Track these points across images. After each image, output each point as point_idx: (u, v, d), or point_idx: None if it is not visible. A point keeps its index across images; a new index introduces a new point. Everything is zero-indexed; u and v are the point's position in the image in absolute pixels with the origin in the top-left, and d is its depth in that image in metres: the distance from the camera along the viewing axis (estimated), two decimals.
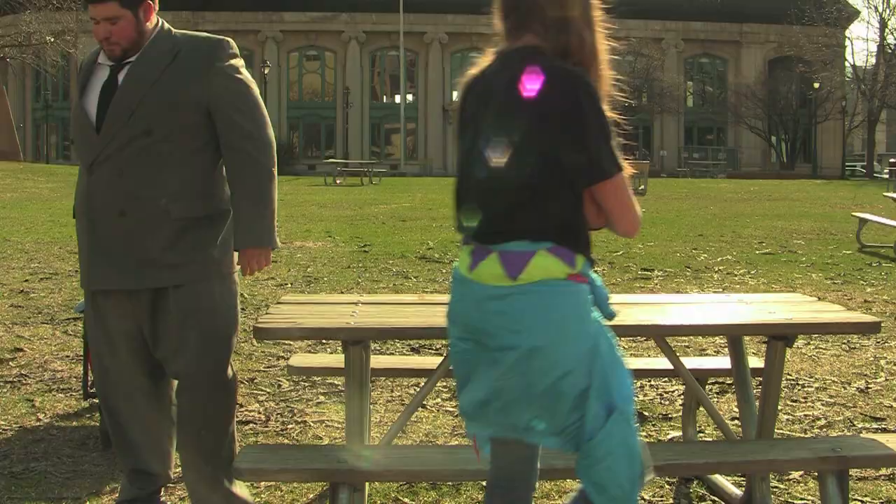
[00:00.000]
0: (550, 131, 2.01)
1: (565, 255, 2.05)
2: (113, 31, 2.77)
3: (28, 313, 6.54)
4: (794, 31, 50.45)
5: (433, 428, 4.16)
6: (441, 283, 8.21)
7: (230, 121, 2.85)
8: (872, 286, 8.32)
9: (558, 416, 2.05)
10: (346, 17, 54.49)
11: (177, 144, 2.82)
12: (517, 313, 2.03)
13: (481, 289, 2.09)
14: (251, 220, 2.86)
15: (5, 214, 14.44)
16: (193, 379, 2.89)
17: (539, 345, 2.01)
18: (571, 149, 2.01)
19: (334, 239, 11.87)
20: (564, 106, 2.01)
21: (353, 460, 2.65)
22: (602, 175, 2.04)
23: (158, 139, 2.79)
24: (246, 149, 2.86)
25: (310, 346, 5.60)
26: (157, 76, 2.80)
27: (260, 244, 2.89)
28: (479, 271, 2.09)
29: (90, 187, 2.85)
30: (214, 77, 2.84)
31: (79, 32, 38.11)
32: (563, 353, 2.02)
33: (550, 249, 2.04)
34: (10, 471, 3.54)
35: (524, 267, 2.03)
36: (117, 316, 2.90)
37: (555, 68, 2.02)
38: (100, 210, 2.84)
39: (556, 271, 2.04)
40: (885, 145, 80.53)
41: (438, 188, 27.63)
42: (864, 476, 3.54)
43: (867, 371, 5.23)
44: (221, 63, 2.86)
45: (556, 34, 2.06)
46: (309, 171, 43.63)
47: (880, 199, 17.70)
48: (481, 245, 2.10)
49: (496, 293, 2.06)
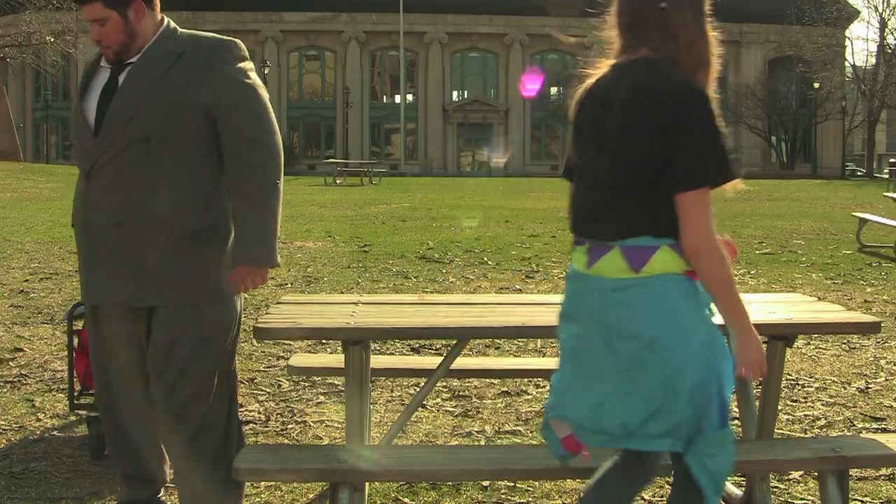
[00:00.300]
0: (665, 138, 2.11)
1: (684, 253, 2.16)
2: (102, 33, 2.66)
3: (28, 313, 6.54)
4: (794, 31, 50.47)
5: (433, 428, 4.16)
6: (441, 283, 8.22)
7: (234, 126, 2.69)
8: (872, 286, 8.32)
9: (673, 412, 2.13)
10: (346, 17, 54.52)
11: (178, 151, 2.67)
12: (638, 304, 2.14)
13: (602, 282, 2.19)
14: (248, 235, 2.69)
15: (5, 214, 14.44)
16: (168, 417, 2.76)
17: (657, 335, 2.12)
18: (675, 155, 2.11)
19: (334, 239, 11.87)
20: (677, 115, 2.10)
21: (353, 460, 2.65)
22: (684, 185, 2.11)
23: (158, 145, 2.65)
24: (249, 157, 2.68)
25: (310, 346, 5.60)
26: (158, 78, 2.66)
27: (256, 262, 2.72)
28: (600, 266, 2.20)
29: (87, 195, 2.72)
30: (219, 80, 2.68)
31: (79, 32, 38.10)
32: (679, 344, 2.12)
33: (672, 245, 2.15)
34: (10, 471, 3.54)
35: (647, 260, 2.14)
36: (116, 327, 2.80)
37: (673, 81, 2.14)
38: (96, 220, 2.70)
39: (675, 266, 2.14)
40: (885, 145, 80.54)
41: (438, 188, 27.64)
42: (864, 476, 3.54)
43: (867, 371, 5.23)
44: (227, 65, 2.71)
45: (670, 47, 2.18)
46: (309, 171, 43.64)
47: (880, 199, 17.69)
48: (599, 243, 2.21)
49: (618, 285, 2.16)
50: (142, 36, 2.70)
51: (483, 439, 4.04)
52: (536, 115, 56.20)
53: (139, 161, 2.65)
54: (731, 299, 2.15)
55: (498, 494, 3.37)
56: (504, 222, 14.83)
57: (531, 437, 4.05)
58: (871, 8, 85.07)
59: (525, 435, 4.09)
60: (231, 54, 2.73)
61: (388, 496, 3.34)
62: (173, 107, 2.65)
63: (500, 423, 4.23)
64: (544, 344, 5.73)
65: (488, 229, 13.52)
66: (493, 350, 5.66)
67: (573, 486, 3.43)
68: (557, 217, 16.00)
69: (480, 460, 2.71)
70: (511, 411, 4.42)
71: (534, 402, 4.57)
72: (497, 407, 4.49)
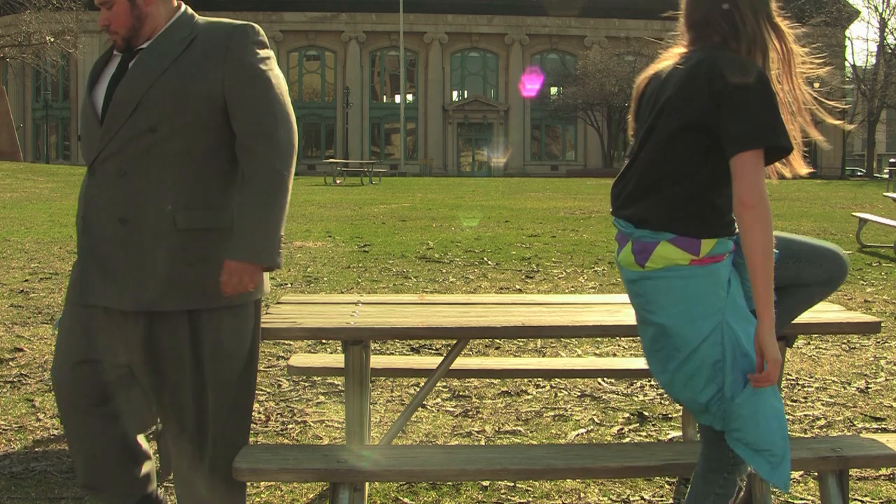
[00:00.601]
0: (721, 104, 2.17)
1: (689, 245, 2.23)
2: (109, 17, 2.51)
3: (28, 313, 6.54)
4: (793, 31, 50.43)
5: (433, 428, 4.16)
6: (441, 283, 8.22)
7: (244, 116, 2.49)
8: (872, 286, 8.32)
9: (697, 393, 2.26)
10: (346, 17, 54.55)
11: (186, 144, 2.48)
12: (648, 295, 2.30)
13: (623, 272, 2.39)
14: (245, 228, 2.45)
15: (5, 214, 14.44)
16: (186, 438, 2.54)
17: (667, 324, 2.26)
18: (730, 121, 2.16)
19: (334, 239, 11.87)
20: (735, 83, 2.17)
21: (353, 460, 2.65)
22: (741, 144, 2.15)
23: (165, 136, 2.46)
24: (258, 149, 2.47)
25: (310, 346, 5.60)
26: (167, 66, 2.48)
27: (251, 259, 2.44)
28: (621, 257, 2.36)
29: (90, 189, 2.54)
30: (231, 67, 2.48)
31: (79, 32, 38.15)
32: (688, 332, 2.23)
33: (672, 241, 2.24)
34: (10, 471, 3.54)
35: (649, 256, 2.26)
36: (105, 335, 2.54)
37: (731, 57, 2.24)
38: (99, 215, 2.51)
39: (679, 259, 2.24)
40: (885, 145, 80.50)
41: (438, 188, 27.64)
42: (864, 476, 3.54)
43: (867, 371, 5.23)
44: (242, 51, 2.50)
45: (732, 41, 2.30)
46: (309, 171, 43.64)
47: (880, 199, 17.69)
48: (623, 232, 2.34)
49: (631, 277, 2.35)
50: (152, 21, 2.54)
51: (483, 439, 4.04)
52: (536, 115, 56.22)
53: (145, 154, 2.47)
54: (764, 270, 2.15)
55: (498, 494, 3.37)
56: (504, 222, 14.83)
57: (531, 437, 4.05)
58: (871, 8, 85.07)
59: (525, 435, 4.09)
60: (246, 38, 2.53)
61: (388, 496, 3.34)
62: (182, 96, 2.47)
63: (500, 423, 4.23)
64: (544, 344, 5.73)
65: (488, 229, 13.52)
66: (493, 350, 5.66)
67: (573, 486, 3.43)
68: (557, 217, 16.01)
69: (480, 460, 2.71)
70: (511, 411, 4.42)
71: (534, 402, 4.57)
72: (497, 407, 4.49)
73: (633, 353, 5.50)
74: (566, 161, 56.84)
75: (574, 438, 4.04)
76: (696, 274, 2.20)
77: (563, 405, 4.51)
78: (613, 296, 3.54)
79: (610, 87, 50.16)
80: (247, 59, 2.50)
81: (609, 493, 3.38)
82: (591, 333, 3.10)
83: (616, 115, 51.91)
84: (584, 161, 55.60)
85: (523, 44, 56.19)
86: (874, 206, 17.37)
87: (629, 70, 51.09)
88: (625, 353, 5.55)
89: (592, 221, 15.12)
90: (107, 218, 2.50)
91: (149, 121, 2.46)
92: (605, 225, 14.34)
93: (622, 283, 2.45)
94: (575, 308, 3.25)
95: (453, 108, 56.40)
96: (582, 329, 2.96)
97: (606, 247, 10.61)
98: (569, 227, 14.06)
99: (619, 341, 5.79)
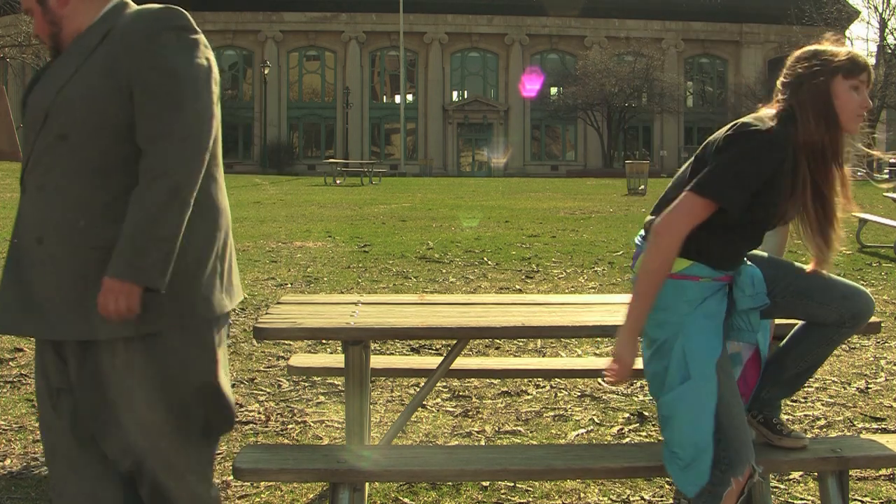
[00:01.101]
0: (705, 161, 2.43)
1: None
2: (33, 25, 2.33)
3: None
4: (794, 31, 50.46)
5: (433, 428, 4.16)
6: (441, 283, 8.22)
7: (144, 113, 2.17)
8: (872, 286, 8.31)
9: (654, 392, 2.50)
10: (346, 17, 54.53)
11: (101, 151, 2.20)
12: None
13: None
14: (125, 241, 2.13)
15: (5, 214, 14.43)
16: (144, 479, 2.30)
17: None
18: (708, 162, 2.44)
19: (334, 239, 11.87)
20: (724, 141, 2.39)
21: (353, 460, 2.65)
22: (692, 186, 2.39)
23: (78, 145, 2.20)
24: (150, 150, 2.15)
25: (310, 346, 5.60)
26: (76, 67, 2.22)
27: (128, 278, 2.12)
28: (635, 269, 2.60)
29: (20, 207, 2.30)
30: (137, 57, 2.18)
31: None
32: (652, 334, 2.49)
33: None
34: (10, 471, 3.54)
35: (636, 260, 2.56)
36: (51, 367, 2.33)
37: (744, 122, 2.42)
38: (21, 236, 2.27)
39: None
40: (885, 145, 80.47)
41: (438, 188, 27.64)
42: (864, 476, 3.54)
43: (867, 371, 5.23)
44: (153, 37, 2.19)
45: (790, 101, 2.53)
46: (309, 171, 43.67)
47: (880, 199, 17.69)
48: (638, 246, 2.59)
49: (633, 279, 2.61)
50: (71, 22, 2.30)
51: (483, 439, 4.04)
52: (536, 115, 56.18)
53: (59, 164, 2.22)
54: (640, 287, 2.42)
55: (498, 494, 3.37)
56: (504, 222, 14.83)
57: (531, 437, 4.05)
58: (871, 8, 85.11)
59: (525, 435, 4.09)
60: (158, 24, 2.21)
61: (388, 496, 3.34)
62: (91, 97, 2.20)
63: (500, 423, 4.23)
64: (544, 344, 5.74)
65: (488, 229, 13.52)
66: (493, 350, 5.66)
67: (573, 487, 3.44)
68: (557, 217, 16.01)
69: (480, 460, 2.71)
70: (511, 411, 4.42)
71: (534, 402, 4.57)
72: (497, 407, 4.49)
73: None
74: (566, 161, 56.82)
75: (574, 438, 4.04)
76: (665, 285, 2.43)
77: (563, 405, 4.51)
78: (613, 296, 3.55)
79: (610, 87, 50.13)
80: (155, 46, 2.18)
81: (609, 493, 3.38)
82: (591, 333, 3.10)
83: (616, 115, 51.91)
84: (584, 161, 55.58)
85: (523, 44, 56.17)
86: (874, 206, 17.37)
87: (629, 70, 51.11)
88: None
89: (592, 222, 15.12)
90: (27, 237, 2.26)
91: (60, 128, 2.21)
92: (605, 225, 14.34)
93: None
94: (575, 308, 3.25)
95: (453, 108, 56.38)
96: (582, 329, 2.97)
97: (606, 247, 10.61)
98: (569, 227, 14.06)
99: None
